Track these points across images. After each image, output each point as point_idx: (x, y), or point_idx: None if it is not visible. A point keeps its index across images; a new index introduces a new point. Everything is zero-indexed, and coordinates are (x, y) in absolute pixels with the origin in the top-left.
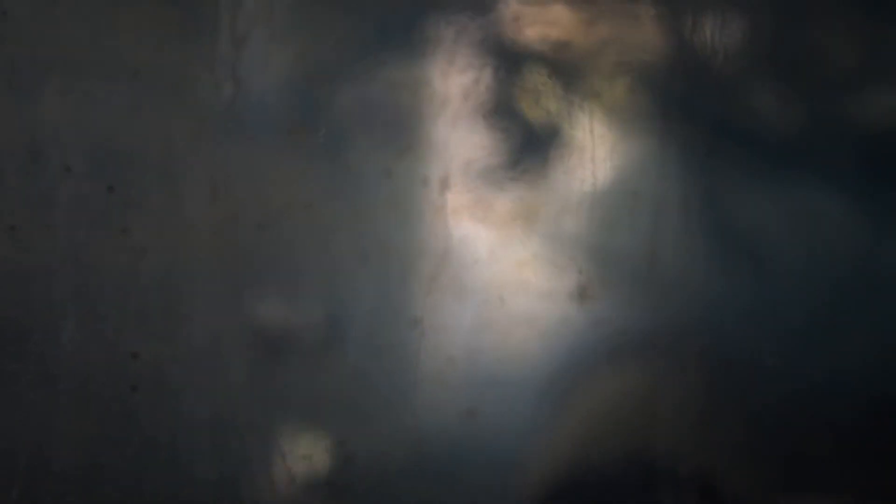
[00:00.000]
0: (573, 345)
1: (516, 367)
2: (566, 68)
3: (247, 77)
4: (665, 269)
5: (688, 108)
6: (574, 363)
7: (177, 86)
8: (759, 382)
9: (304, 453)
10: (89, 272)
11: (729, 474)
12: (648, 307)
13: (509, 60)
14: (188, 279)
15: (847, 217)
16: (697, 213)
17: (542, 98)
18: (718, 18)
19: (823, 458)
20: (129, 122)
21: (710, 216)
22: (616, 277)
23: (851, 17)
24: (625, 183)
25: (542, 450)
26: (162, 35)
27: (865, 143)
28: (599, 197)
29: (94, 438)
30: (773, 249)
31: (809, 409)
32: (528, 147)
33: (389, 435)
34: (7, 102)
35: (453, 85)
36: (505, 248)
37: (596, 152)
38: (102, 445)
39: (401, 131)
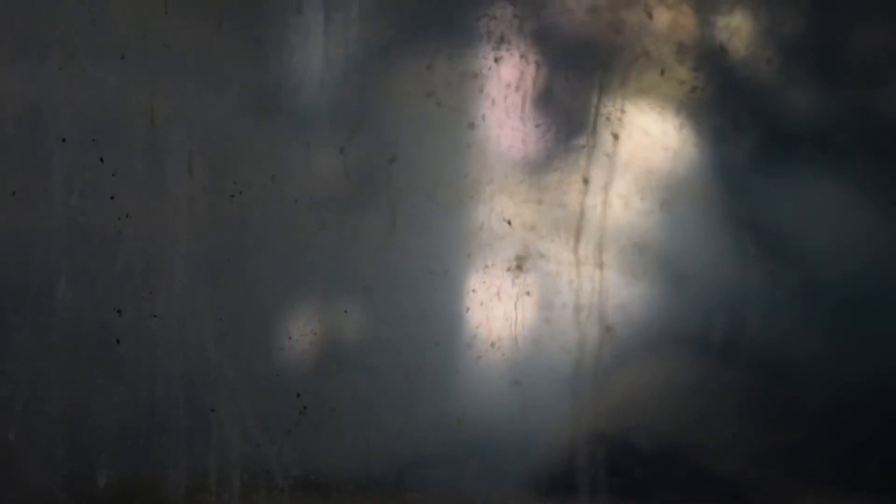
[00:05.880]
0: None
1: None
2: (597, 58)
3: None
4: (689, 261)
5: (716, 101)
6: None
7: (160, 66)
8: (784, 378)
9: (268, 402)
10: (81, 235)
11: (753, 471)
12: (675, 299)
13: (548, 51)
14: (167, 242)
15: (873, 212)
16: (726, 206)
17: (576, 87)
18: (748, 9)
19: (851, 457)
20: (118, 98)
21: (738, 210)
22: (640, 268)
23: (883, 9)
24: (651, 172)
25: (574, 429)
26: (149, 17)
27: (893, 137)
28: (623, 184)
29: (83, 385)
30: (797, 243)
31: (837, 406)
32: (560, 137)
33: None
34: (15, 75)
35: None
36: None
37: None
38: (90, 391)
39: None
